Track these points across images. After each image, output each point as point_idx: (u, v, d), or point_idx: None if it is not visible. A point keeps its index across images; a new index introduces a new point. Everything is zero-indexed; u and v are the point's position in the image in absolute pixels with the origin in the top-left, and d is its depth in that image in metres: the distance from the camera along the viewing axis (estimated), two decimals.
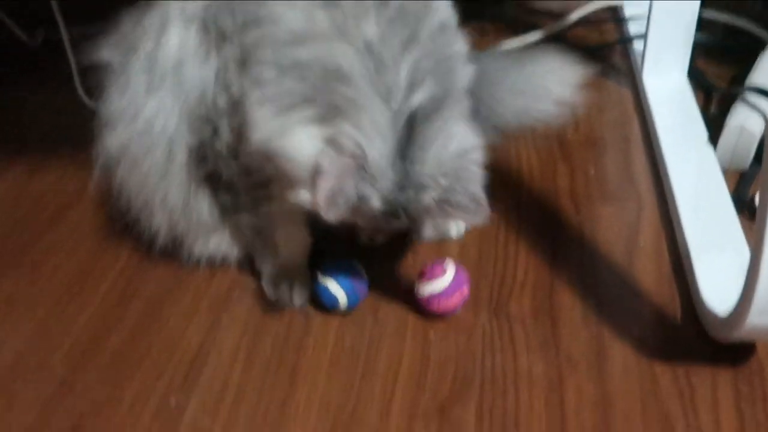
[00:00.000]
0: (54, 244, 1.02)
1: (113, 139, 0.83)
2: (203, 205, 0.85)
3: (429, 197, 0.71)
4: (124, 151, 0.83)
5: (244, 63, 0.73)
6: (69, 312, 0.91)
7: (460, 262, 0.91)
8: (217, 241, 0.89)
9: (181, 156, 0.81)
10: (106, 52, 0.85)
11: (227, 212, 0.86)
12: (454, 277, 0.82)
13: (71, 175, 1.15)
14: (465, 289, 0.83)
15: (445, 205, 0.71)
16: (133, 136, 0.81)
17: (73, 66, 1.33)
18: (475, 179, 0.73)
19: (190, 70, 0.78)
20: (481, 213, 0.72)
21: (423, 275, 0.83)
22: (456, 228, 0.94)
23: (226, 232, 0.89)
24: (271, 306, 0.88)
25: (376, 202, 0.70)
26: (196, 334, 0.86)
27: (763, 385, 0.74)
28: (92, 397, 0.79)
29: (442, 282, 0.81)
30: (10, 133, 1.30)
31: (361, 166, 0.68)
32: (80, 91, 1.30)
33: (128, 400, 0.79)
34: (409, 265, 0.92)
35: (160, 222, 0.87)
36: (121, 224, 0.95)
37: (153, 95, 0.80)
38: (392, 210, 0.71)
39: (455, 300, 0.82)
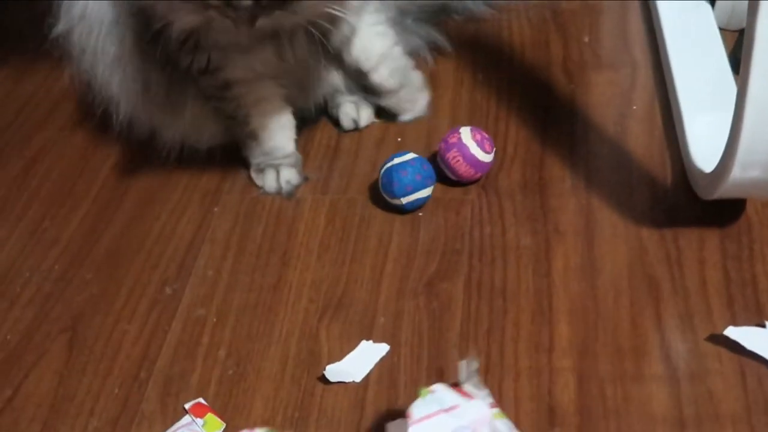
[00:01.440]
0: (45, 145, 1.02)
1: (60, 29, 0.83)
2: (161, 90, 0.84)
3: None
4: (70, 39, 0.83)
5: None
6: (63, 211, 0.92)
7: None
8: (185, 128, 0.88)
9: (129, 40, 0.80)
10: None
11: (197, 99, 0.85)
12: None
13: (59, 73, 1.12)
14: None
15: None
16: (73, 24, 0.81)
17: None
18: None
19: None
20: None
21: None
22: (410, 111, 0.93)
23: (191, 117, 0.87)
24: (261, 194, 0.88)
25: None
26: (188, 226, 0.87)
27: (750, 243, 0.73)
28: (89, 291, 0.81)
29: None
30: None
31: None
32: None
33: (124, 293, 0.80)
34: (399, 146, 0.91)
35: (125, 111, 0.86)
36: (105, 119, 0.94)
37: None
38: None
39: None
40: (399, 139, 0.92)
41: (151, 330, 0.76)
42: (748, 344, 0.64)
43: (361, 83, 0.91)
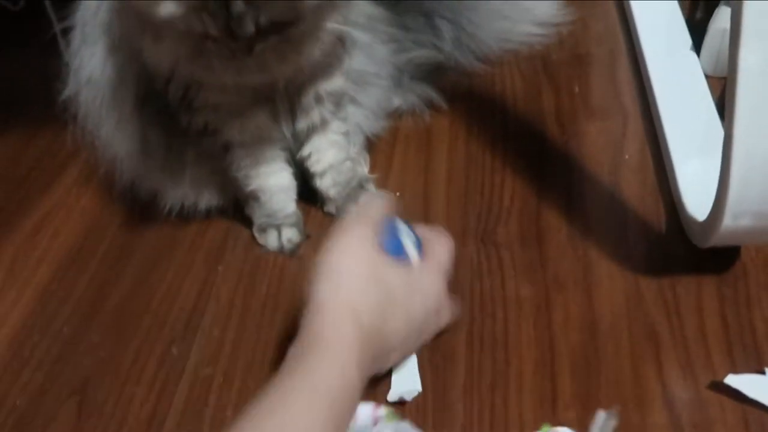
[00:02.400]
0: (53, 207, 1.04)
1: (68, 92, 0.86)
2: (161, 151, 0.86)
3: None
4: (77, 102, 0.85)
5: None
6: (71, 273, 0.93)
7: (448, 191, 0.93)
8: (185, 189, 0.90)
9: (130, 102, 0.82)
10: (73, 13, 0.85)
11: (197, 161, 0.88)
12: None
13: (64, 137, 1.14)
14: None
15: None
16: (81, 88, 0.84)
17: (57, 28, 1.32)
18: None
19: (106, 10, 0.79)
20: None
21: None
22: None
23: (190, 179, 0.89)
24: (264, 252, 0.90)
25: None
26: (193, 285, 0.88)
27: (747, 288, 0.75)
28: (98, 353, 0.82)
29: None
30: (3, 100, 1.31)
31: None
32: (65, 53, 1.30)
33: (132, 354, 0.81)
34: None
35: (127, 171, 0.89)
36: (111, 180, 0.96)
37: (85, 45, 0.82)
38: None
39: None
40: (398, 194, 0.94)
41: (158, 391, 0.77)
42: (750, 392, 0.65)
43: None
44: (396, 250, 0.70)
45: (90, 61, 0.83)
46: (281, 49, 0.72)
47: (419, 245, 0.72)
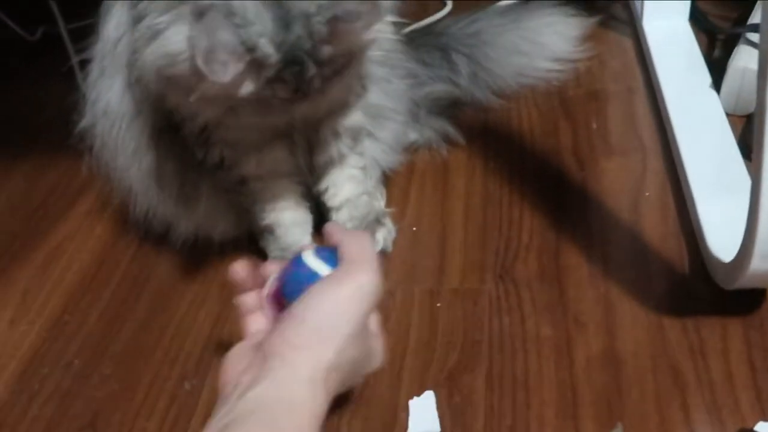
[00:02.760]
0: (66, 237, 1.04)
1: (84, 123, 0.86)
2: (176, 183, 0.86)
3: (318, 23, 0.65)
4: (93, 133, 0.86)
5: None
6: (83, 304, 0.92)
7: (466, 226, 0.92)
8: (198, 220, 0.90)
9: (146, 134, 0.82)
10: (91, 45, 0.86)
11: (211, 193, 0.87)
12: None
13: (78, 167, 1.14)
14: None
15: (338, 23, 0.66)
16: (97, 119, 0.84)
17: (74, 59, 1.33)
18: None
19: (126, 45, 0.79)
20: (376, 11, 0.67)
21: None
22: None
23: (204, 211, 0.89)
24: None
25: (266, 47, 0.65)
26: (207, 319, 0.87)
27: None
28: (109, 387, 0.81)
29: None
30: (17, 130, 1.31)
31: (228, 13, 0.64)
32: (81, 83, 1.31)
33: (144, 388, 0.80)
34: (409, 238, 0.92)
35: (141, 202, 0.88)
36: (125, 211, 0.95)
37: (103, 77, 0.82)
38: (289, 55, 0.65)
39: None
40: (414, 228, 0.93)
41: (169, 427, 0.76)
42: None
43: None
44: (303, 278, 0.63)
45: (107, 94, 0.83)
46: None
47: (330, 261, 0.64)
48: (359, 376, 0.63)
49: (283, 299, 0.64)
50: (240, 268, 0.68)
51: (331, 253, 0.63)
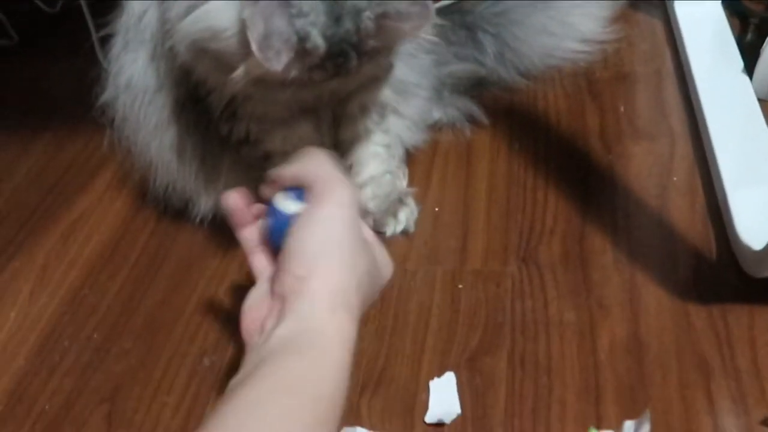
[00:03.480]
0: (85, 211, 1.04)
1: (106, 97, 0.86)
2: (197, 158, 0.86)
3: (367, 18, 0.66)
4: (114, 106, 0.85)
5: None
6: (102, 278, 0.92)
7: (489, 208, 0.91)
8: (218, 196, 0.88)
9: (168, 108, 0.82)
10: (114, 19, 0.85)
11: (231, 169, 0.87)
12: None
13: (98, 141, 1.14)
14: None
15: (386, 20, 0.67)
16: (119, 93, 0.84)
17: (93, 32, 1.33)
18: None
19: (151, 18, 0.79)
20: (426, 13, 0.68)
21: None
22: (393, 225, 0.89)
23: (224, 187, 0.87)
24: None
25: (316, 38, 0.65)
26: (226, 295, 0.87)
27: None
28: (128, 362, 0.81)
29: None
30: (36, 103, 1.32)
31: (284, 1, 0.65)
32: (101, 57, 1.30)
33: (163, 363, 0.80)
34: (431, 218, 0.91)
35: (161, 177, 0.88)
36: (145, 185, 0.95)
37: (126, 51, 0.82)
38: (336, 48, 0.67)
39: None
40: (437, 209, 0.92)
41: (190, 402, 0.76)
42: None
43: None
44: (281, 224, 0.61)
45: (130, 67, 0.82)
46: None
47: (300, 197, 0.62)
48: (376, 288, 0.62)
49: (275, 245, 0.63)
50: (234, 198, 0.66)
51: (299, 191, 0.62)
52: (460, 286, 0.82)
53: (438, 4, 1.14)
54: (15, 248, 0.99)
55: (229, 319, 0.84)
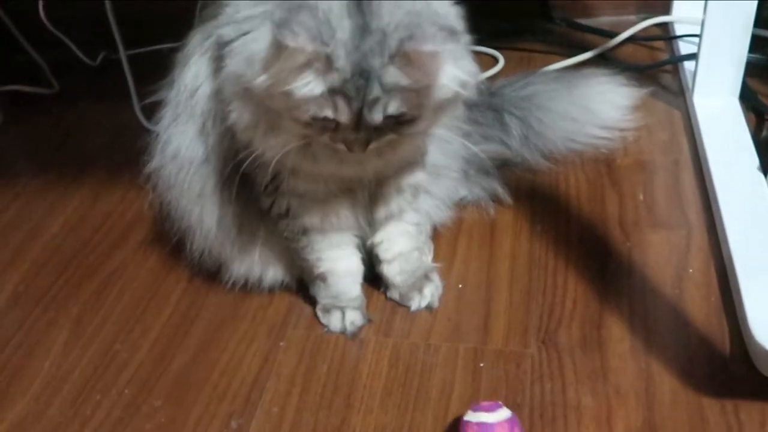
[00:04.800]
0: (119, 266, 1.07)
1: (153, 164, 0.90)
2: (234, 227, 0.89)
3: (392, 39, 0.66)
4: (160, 175, 0.89)
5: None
6: (134, 335, 0.96)
7: (511, 288, 0.94)
8: (252, 264, 0.93)
9: (213, 180, 0.86)
10: (163, 89, 0.89)
11: (267, 240, 0.91)
12: (509, 419, 0.74)
13: (134, 195, 1.20)
14: None
15: (412, 45, 0.65)
16: (165, 162, 0.87)
17: (131, 86, 1.38)
18: (440, 10, 0.70)
19: (203, 95, 0.82)
20: (457, 39, 0.68)
21: (478, 404, 0.75)
22: (418, 300, 0.93)
23: (259, 256, 0.92)
24: (326, 332, 0.92)
25: (338, 47, 0.65)
26: (255, 358, 0.90)
27: None
28: (158, 419, 0.84)
29: (494, 416, 0.73)
30: (74, 153, 1.36)
31: (313, 8, 0.66)
32: (138, 110, 1.36)
33: (192, 423, 0.83)
34: (455, 295, 0.95)
35: (199, 242, 0.92)
36: (179, 245, 0.99)
37: (177, 123, 0.85)
38: (356, 67, 0.66)
39: None
40: (460, 286, 0.96)
41: None
42: None
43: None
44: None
45: (179, 139, 0.86)
46: (343, 155, 0.75)
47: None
48: None
49: None
50: None
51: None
52: (482, 364, 0.85)
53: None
54: (50, 299, 1.03)
55: (257, 382, 0.87)
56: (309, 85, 0.67)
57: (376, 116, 0.68)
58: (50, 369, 0.92)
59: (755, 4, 1.06)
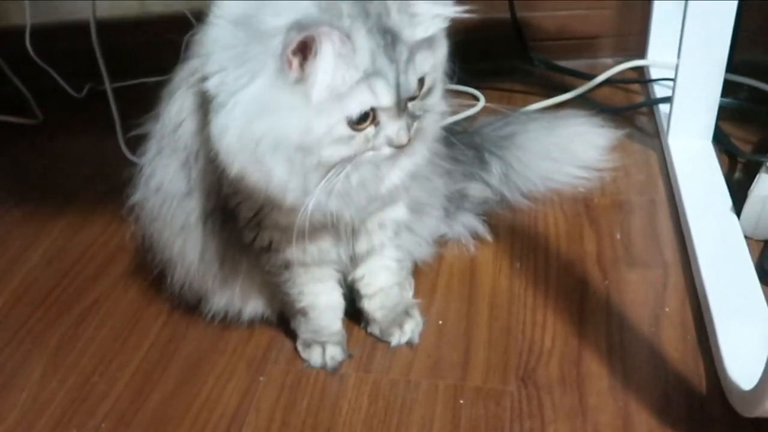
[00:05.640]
0: (99, 298, 1.07)
1: (136, 197, 0.90)
2: (216, 261, 0.89)
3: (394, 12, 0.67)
4: (143, 207, 0.90)
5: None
6: (113, 367, 0.95)
7: (491, 325, 0.95)
8: (232, 297, 0.93)
9: (195, 213, 0.86)
10: (149, 122, 0.90)
11: (248, 274, 0.91)
12: None
13: (115, 227, 1.20)
14: None
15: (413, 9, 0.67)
16: (149, 195, 0.88)
17: (116, 118, 1.39)
18: None
19: (186, 129, 0.82)
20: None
21: None
22: (398, 335, 0.94)
23: (240, 289, 0.92)
24: (306, 367, 0.92)
25: (360, 32, 0.66)
26: (234, 393, 0.90)
27: None
28: None
29: None
30: (56, 184, 1.36)
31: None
32: (122, 143, 1.36)
33: None
34: (435, 331, 0.95)
35: (180, 275, 0.92)
36: (159, 277, 0.99)
37: (160, 156, 0.86)
38: (381, 33, 0.66)
39: None
40: (440, 322, 0.97)
41: None
42: None
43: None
44: None
45: (162, 172, 0.86)
46: (365, 177, 0.76)
47: None
48: None
49: None
50: None
51: None
52: (461, 401, 0.85)
53: (446, 121, 1.22)
54: (27, 330, 1.02)
55: (236, 417, 0.87)
56: (346, 75, 0.66)
57: (411, 78, 0.69)
58: (26, 401, 0.91)
59: (727, 50, 1.09)
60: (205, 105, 0.76)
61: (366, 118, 0.69)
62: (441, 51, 0.74)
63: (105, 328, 1.01)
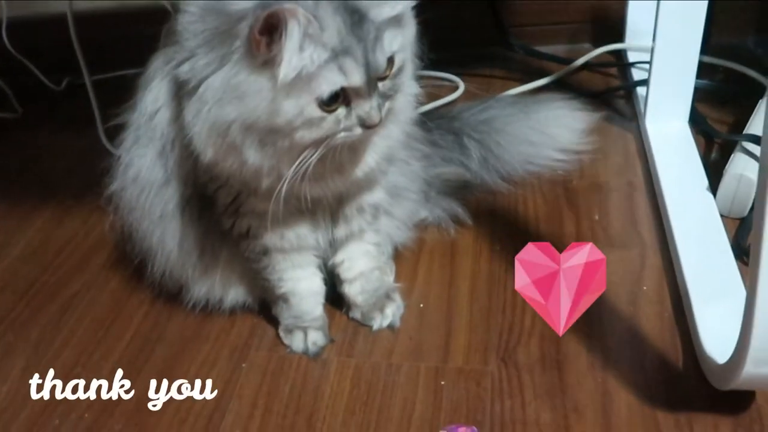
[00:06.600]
0: (80, 289, 1.07)
1: (114, 187, 0.90)
2: (196, 249, 0.89)
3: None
4: (122, 197, 0.89)
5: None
6: (95, 358, 0.95)
7: (471, 307, 0.96)
8: (213, 285, 0.93)
9: (173, 202, 0.86)
10: (126, 112, 0.89)
11: (228, 262, 0.91)
12: None
13: (96, 219, 1.20)
14: None
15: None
16: (126, 185, 0.88)
17: (96, 111, 1.38)
18: None
19: (162, 118, 0.82)
20: None
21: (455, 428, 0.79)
22: (379, 319, 0.94)
23: (220, 277, 0.92)
24: (288, 353, 0.92)
25: (327, 11, 0.66)
26: (217, 381, 0.90)
27: (762, 431, 0.77)
28: None
29: None
30: (37, 177, 1.36)
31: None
32: (102, 135, 1.36)
33: None
34: (416, 314, 0.96)
35: (160, 264, 0.92)
36: (140, 267, 0.99)
37: (137, 146, 0.86)
38: (348, 12, 0.66)
39: None
40: (421, 305, 0.97)
41: None
42: None
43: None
44: None
45: (139, 161, 0.86)
46: (340, 160, 0.76)
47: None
48: None
49: None
50: None
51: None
52: (443, 382, 0.86)
53: (427, 107, 1.22)
54: (9, 323, 1.02)
55: (219, 405, 0.87)
56: (314, 54, 0.65)
57: (380, 57, 0.69)
58: (8, 394, 0.91)
59: (702, 32, 1.10)
60: (179, 92, 0.76)
61: (336, 98, 0.69)
62: (410, 30, 0.74)
63: (87, 318, 1.01)
